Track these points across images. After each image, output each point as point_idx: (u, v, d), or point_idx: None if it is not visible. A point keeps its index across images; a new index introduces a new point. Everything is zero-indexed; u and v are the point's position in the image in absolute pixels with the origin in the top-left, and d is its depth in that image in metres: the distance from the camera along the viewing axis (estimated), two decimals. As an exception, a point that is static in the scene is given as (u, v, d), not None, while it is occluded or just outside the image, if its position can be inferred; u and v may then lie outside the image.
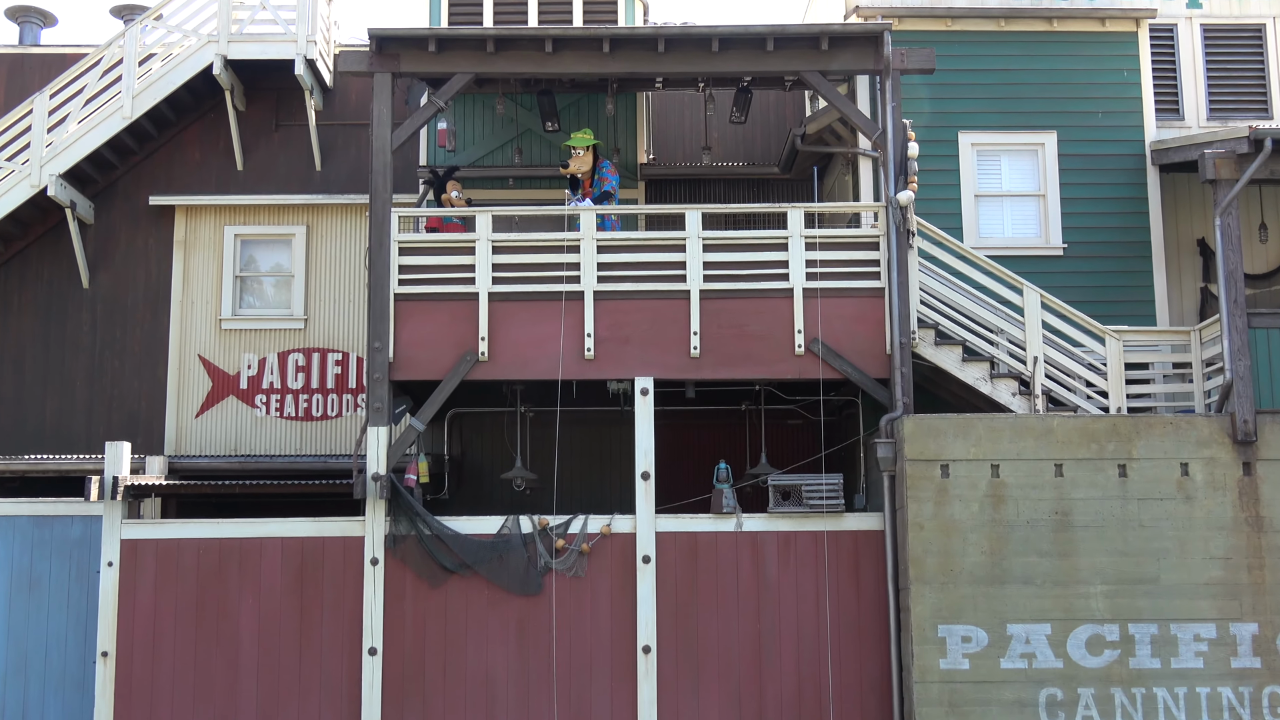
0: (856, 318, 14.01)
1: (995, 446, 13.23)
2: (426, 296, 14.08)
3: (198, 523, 13.88)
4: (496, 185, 17.44)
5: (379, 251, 14.06)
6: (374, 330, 13.96)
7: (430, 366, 14.00)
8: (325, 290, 17.84)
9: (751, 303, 14.04)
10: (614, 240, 14.21)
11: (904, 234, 14.02)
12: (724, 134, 19.81)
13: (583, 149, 15.09)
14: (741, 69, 14.49)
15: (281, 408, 17.57)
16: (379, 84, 14.20)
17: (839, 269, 14.07)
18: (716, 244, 14.17)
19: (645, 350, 13.99)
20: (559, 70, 14.41)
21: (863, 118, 14.54)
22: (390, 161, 14.14)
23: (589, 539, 13.74)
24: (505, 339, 14.00)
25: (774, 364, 13.97)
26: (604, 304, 14.05)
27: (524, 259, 14.14)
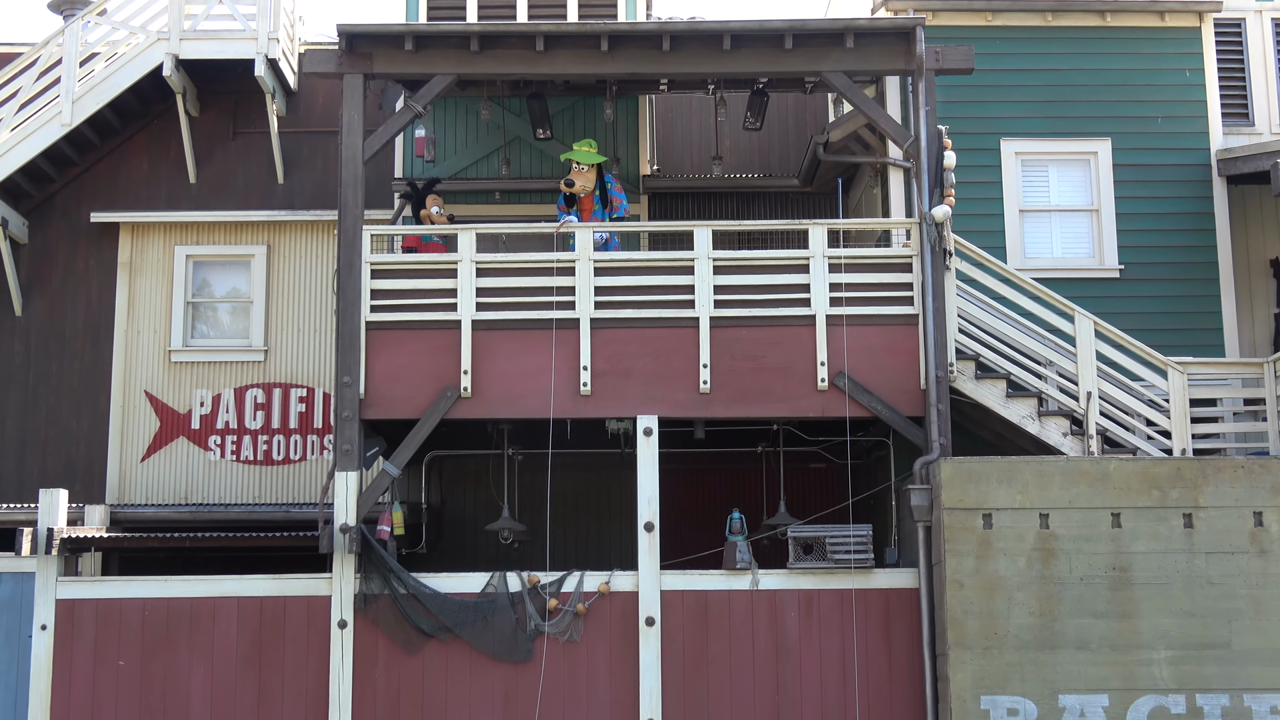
0: (887, 348, 14.02)
1: (1044, 493, 13.21)
2: (402, 325, 14.10)
3: (143, 580, 13.85)
4: (481, 200, 17.47)
5: (349, 274, 14.09)
6: (343, 363, 13.97)
7: (406, 403, 14.01)
8: (288, 318, 17.86)
9: (768, 331, 14.05)
10: (613, 261, 14.23)
11: (940, 254, 14.04)
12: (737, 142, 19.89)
13: (587, 165, 15.11)
14: (756, 69, 14.55)
15: (238, 450, 17.57)
16: (349, 86, 14.26)
17: (867, 293, 14.08)
18: (729, 265, 14.20)
19: (649, 385, 14.00)
20: (551, 71, 14.47)
21: (893, 123, 14.59)
22: (362, 173, 14.19)
23: (585, 598, 13.70)
24: (491, 372, 14.01)
25: (794, 400, 13.97)
26: (602, 333, 14.06)
27: (512, 282, 14.17)
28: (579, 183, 15.04)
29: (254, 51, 17.45)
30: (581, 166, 15.12)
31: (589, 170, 15.12)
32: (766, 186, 18.84)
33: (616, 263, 14.24)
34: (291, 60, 18.22)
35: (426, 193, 15.84)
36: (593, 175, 15.15)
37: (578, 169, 15.13)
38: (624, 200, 15.21)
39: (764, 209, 18.93)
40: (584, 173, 15.08)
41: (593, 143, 15.34)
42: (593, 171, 15.16)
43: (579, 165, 15.14)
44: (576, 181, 15.04)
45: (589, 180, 15.12)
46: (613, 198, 15.22)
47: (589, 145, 15.26)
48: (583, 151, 15.16)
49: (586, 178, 15.10)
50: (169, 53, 17.44)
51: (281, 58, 17.70)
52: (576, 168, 15.15)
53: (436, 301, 14.14)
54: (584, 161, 15.09)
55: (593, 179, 15.15)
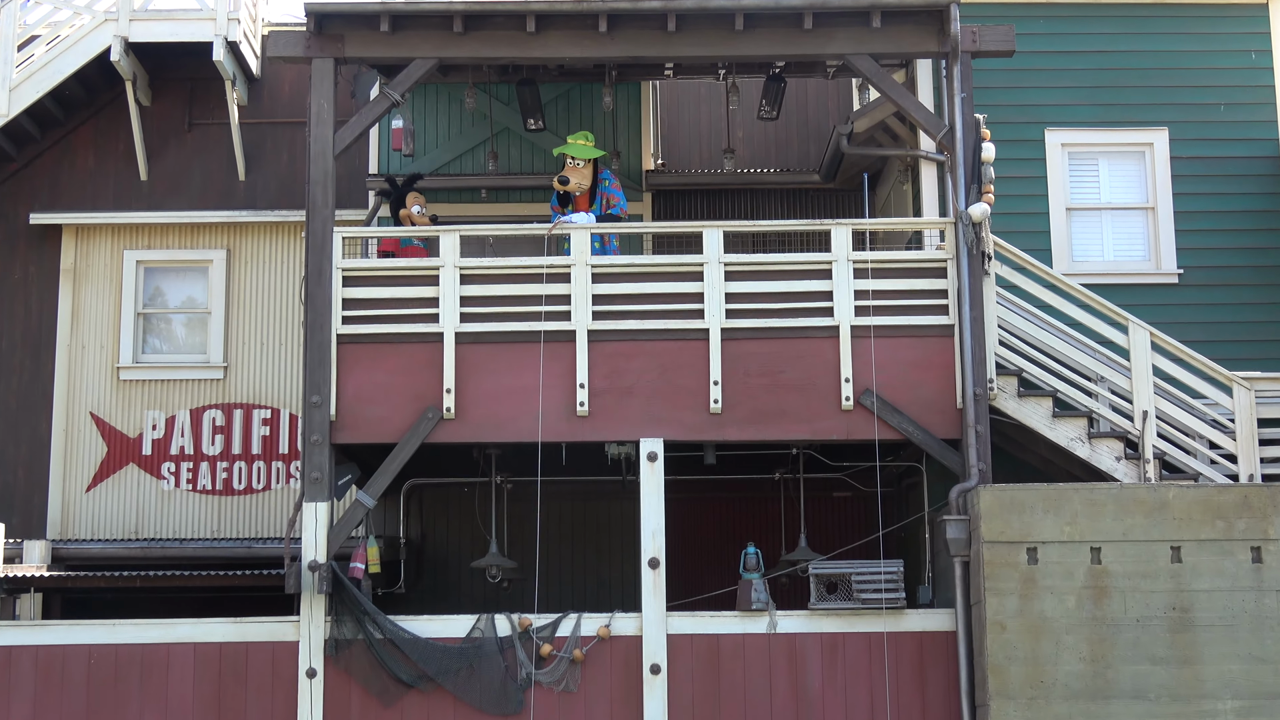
0: (919, 363, 13.98)
1: (1095, 525, 13.16)
2: (378, 338, 14.06)
3: (89, 624, 13.80)
4: (466, 198, 17.45)
5: (318, 282, 14.06)
6: (311, 380, 13.94)
7: (382, 426, 13.97)
8: (251, 331, 17.84)
9: (787, 344, 14.02)
10: (613, 267, 14.21)
11: (978, 257, 14.01)
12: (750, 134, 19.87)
13: (582, 161, 15.04)
14: (772, 52, 14.53)
15: (195, 479, 17.53)
16: (318, 72, 14.24)
17: (896, 301, 14.05)
18: (742, 270, 14.17)
19: (653, 405, 13.96)
20: (544, 54, 14.45)
21: (925, 112, 14.56)
22: (333, 169, 14.16)
23: (583, 643, 13.65)
24: (476, 391, 13.97)
25: (815, 421, 13.93)
26: (601, 347, 14.03)
27: (500, 290, 14.14)
28: (574, 180, 14.99)
29: (212, 33, 17.45)
30: (576, 162, 15.07)
31: (585, 166, 15.07)
32: (784, 183, 18.82)
33: (617, 268, 14.22)
34: (254, 43, 18.22)
35: (405, 190, 15.81)
36: (589, 171, 15.10)
37: (572, 164, 15.08)
38: (622, 199, 15.18)
39: (781, 208, 18.91)
40: (579, 169, 15.03)
41: (589, 135, 15.30)
42: (589, 167, 15.11)
43: (573, 160, 15.09)
44: (571, 178, 14.98)
45: (584, 177, 15.06)
46: (609, 196, 15.16)
47: (584, 138, 15.22)
48: (578, 145, 15.11)
49: (582, 174, 15.05)
50: (117, 35, 17.44)
51: (243, 40, 17.70)
52: (571, 163, 15.10)
53: (416, 312, 14.11)
54: (579, 156, 15.05)
55: (589, 175, 15.10)
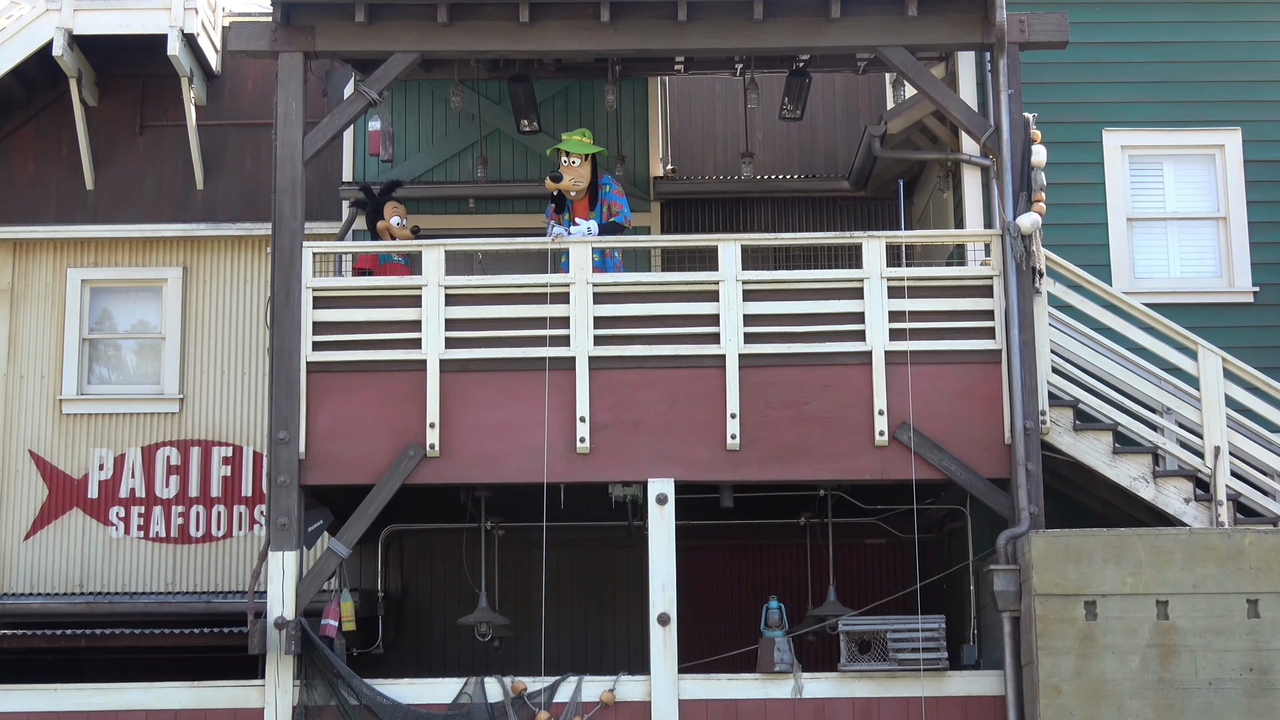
0: (962, 393, 13.98)
1: (1162, 575, 13.13)
2: (353, 366, 14.08)
3: (27, 690, 13.78)
4: (452, 209, 17.49)
5: (285, 303, 14.08)
6: (278, 414, 13.95)
7: (358, 465, 13.97)
8: (210, 358, 17.86)
9: (813, 372, 14.02)
10: (617, 285, 14.22)
11: (1027, 274, 14.02)
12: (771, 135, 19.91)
13: (579, 157, 15.03)
14: (796, 43, 14.57)
15: (147, 525, 17.53)
16: (285, 68, 14.28)
17: (936, 323, 14.06)
18: (762, 289, 14.18)
19: (663, 440, 13.96)
20: (539, 47, 14.49)
21: (967, 110, 14.59)
22: (302, 176, 14.20)
23: (584, 710, 13.62)
24: (464, 425, 13.98)
25: (845, 459, 13.92)
26: (604, 375, 14.04)
27: (490, 311, 14.15)
28: (568, 178, 14.95)
29: (166, 24, 17.49)
30: (572, 159, 15.03)
31: (582, 164, 15.03)
32: (809, 190, 18.85)
33: (621, 287, 14.23)
34: (214, 35, 18.29)
35: (383, 200, 15.84)
36: (586, 171, 15.06)
37: (567, 163, 15.05)
38: (625, 207, 15.15)
39: (806, 218, 18.93)
40: (575, 167, 15.00)
41: (586, 132, 15.29)
42: (586, 166, 15.06)
43: (569, 158, 15.05)
44: (565, 176, 14.94)
45: (581, 176, 15.02)
46: (610, 203, 15.12)
47: (582, 134, 15.20)
48: (574, 140, 15.09)
49: (578, 173, 15.01)
50: (60, 26, 17.49)
51: (201, 32, 17.76)
52: (565, 161, 15.06)
53: (396, 337, 14.12)
54: (575, 151, 15.01)
55: (586, 175, 15.05)
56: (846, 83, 20.09)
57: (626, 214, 15.15)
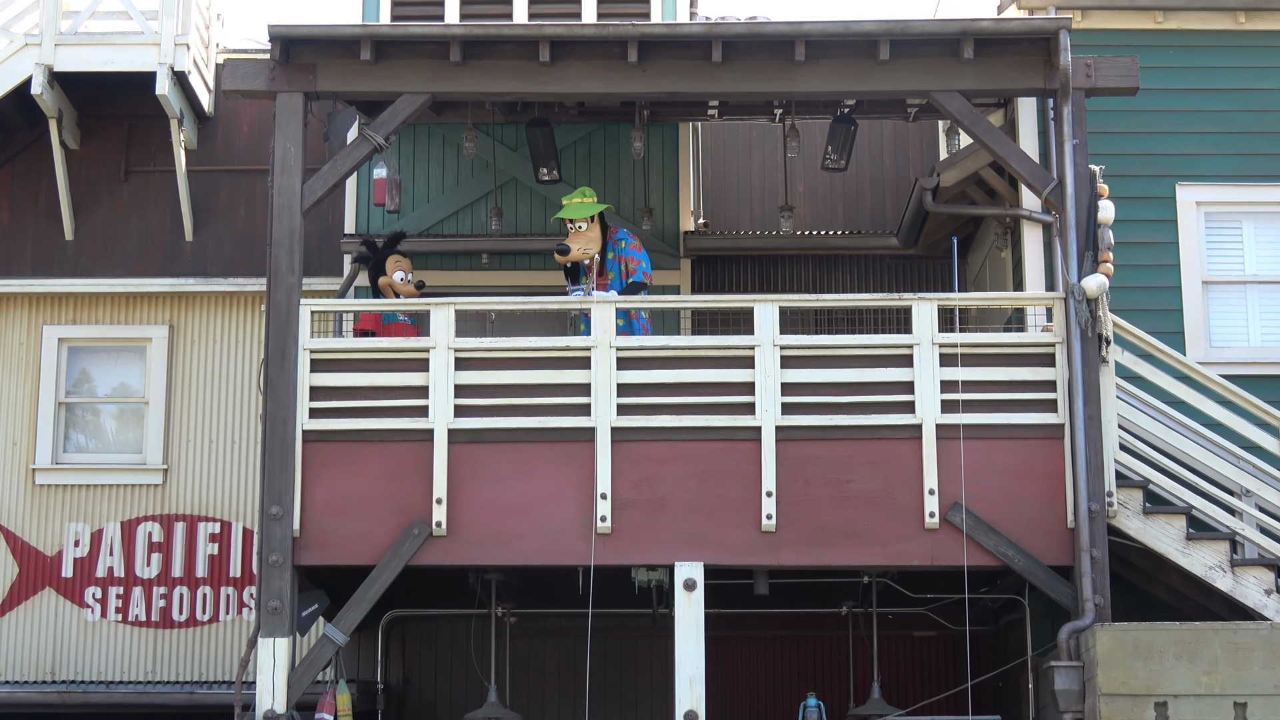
0: (1021, 471, 13.96)
1: (1240, 674, 13.05)
2: (353, 435, 14.10)
3: (-9, 787, 13.78)
4: (463, 264, 17.54)
5: (280, 366, 14.12)
6: (271, 487, 13.96)
7: (357, 544, 13.97)
8: (197, 425, 17.90)
9: (857, 447, 14.01)
10: (643, 350, 14.24)
11: (1093, 341, 14.02)
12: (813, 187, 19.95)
13: (584, 221, 15.08)
14: (840, 88, 14.63)
15: (125, 607, 17.53)
16: (284, 109, 14.36)
17: (993, 394, 14.04)
18: (802, 355, 14.19)
19: (691, 520, 13.95)
20: (560, 89, 14.56)
21: (1028, 162, 14.61)
22: (300, 228, 14.25)
23: (602, 817, 13.58)
24: (474, 502, 13.98)
25: (892, 543, 13.89)
26: (628, 448, 14.04)
27: (504, 377, 14.17)
28: (575, 247, 14.98)
29: (155, 61, 17.59)
30: (578, 225, 15.08)
31: (589, 228, 15.08)
32: (853, 248, 18.88)
33: (647, 351, 14.25)
34: (206, 74, 18.40)
35: (388, 254, 15.88)
36: (596, 234, 15.08)
37: (573, 229, 15.11)
38: (645, 262, 15.17)
39: (850, 278, 18.94)
40: (582, 233, 15.05)
41: (588, 191, 15.29)
42: (594, 228, 15.11)
43: (573, 224, 15.12)
44: (572, 246, 14.98)
45: (590, 241, 15.04)
46: (627, 260, 15.15)
47: (582, 195, 15.20)
48: (574, 205, 15.12)
49: (586, 238, 15.04)
50: (40, 63, 17.58)
51: (193, 70, 17.86)
52: (572, 228, 15.12)
53: (401, 404, 14.14)
54: (574, 216, 15.05)
55: (596, 239, 15.07)
56: (896, 131, 20.14)
57: (646, 269, 15.16)
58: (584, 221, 15.07)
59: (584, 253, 15.00)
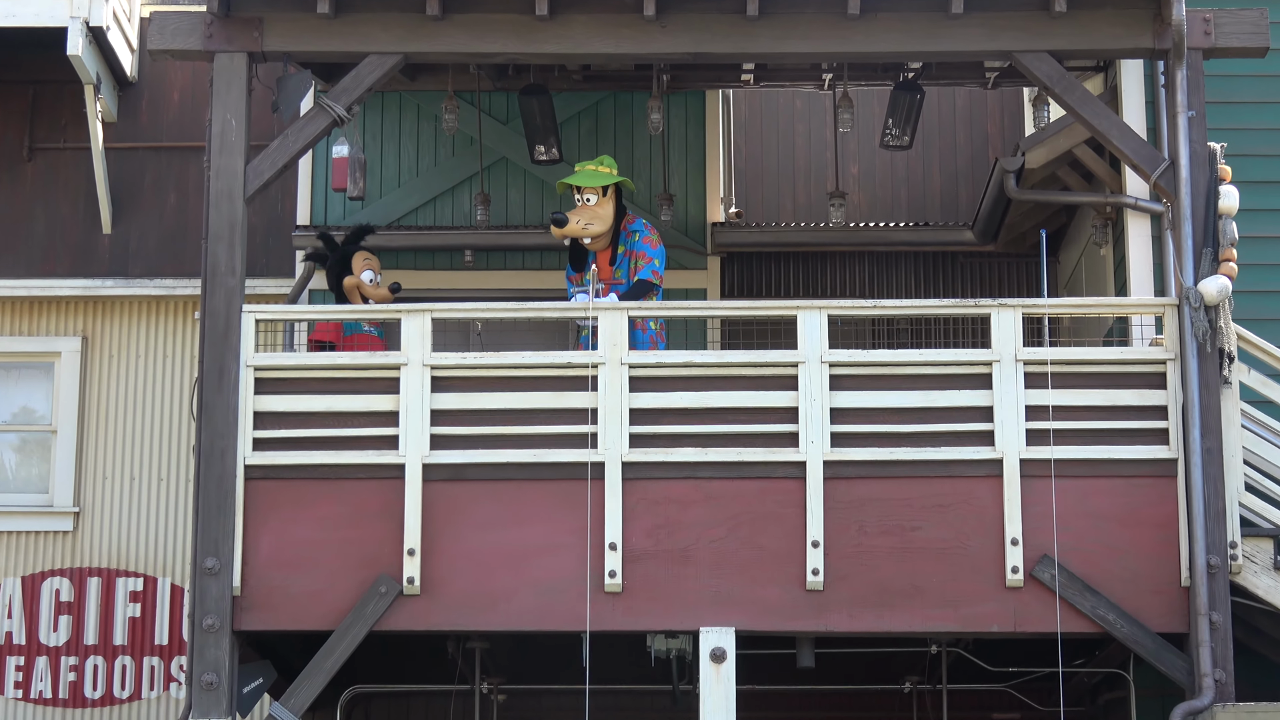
0: (1124, 517, 13.95)
1: (1395, 766, 13.06)
2: (307, 471, 14.11)
3: None
4: (442, 263, 17.56)
5: (218, 386, 14.13)
6: (205, 535, 13.97)
7: (311, 605, 13.98)
8: (115, 459, 17.92)
9: (923, 486, 14.01)
10: (662, 368, 14.24)
11: (1213, 358, 14.00)
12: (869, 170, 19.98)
13: (594, 192, 15.00)
14: (904, 47, 14.63)
15: (27, 682, 17.53)
16: (224, 73, 14.38)
17: (1090, 422, 14.05)
18: (856, 374, 14.18)
19: (720, 576, 13.95)
20: (560, 49, 14.57)
21: (1133, 138, 14.60)
22: (243, 217, 14.26)
23: None
24: (454, 553, 13.99)
25: (966, 604, 13.89)
26: (642, 487, 14.04)
27: (491, 401, 14.18)
28: (575, 220, 14.85)
29: (66, 14, 17.58)
30: (586, 197, 14.99)
31: (600, 203, 14.98)
32: (919, 243, 18.88)
33: (667, 370, 14.24)
34: (129, 30, 18.43)
35: (352, 250, 15.88)
36: (608, 213, 14.97)
37: (580, 201, 15.03)
38: (657, 260, 15.07)
39: (914, 280, 18.96)
40: (590, 208, 14.95)
41: (608, 159, 15.23)
42: (608, 205, 15.00)
43: (581, 195, 15.03)
44: (572, 220, 14.86)
45: (597, 217, 14.90)
46: (635, 254, 15.07)
47: (598, 163, 15.13)
48: (586, 172, 15.03)
49: (593, 215, 14.92)
50: (-76, 17, 17.65)
51: (112, 25, 17.88)
52: (579, 200, 15.05)
53: (366, 433, 14.16)
54: (585, 184, 14.95)
55: (607, 220, 14.95)
56: (971, 101, 20.16)
57: (657, 267, 15.08)
58: (594, 193, 14.97)
59: (584, 229, 14.88)
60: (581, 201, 15.04)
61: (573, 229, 14.91)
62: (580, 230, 14.91)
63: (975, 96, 20.10)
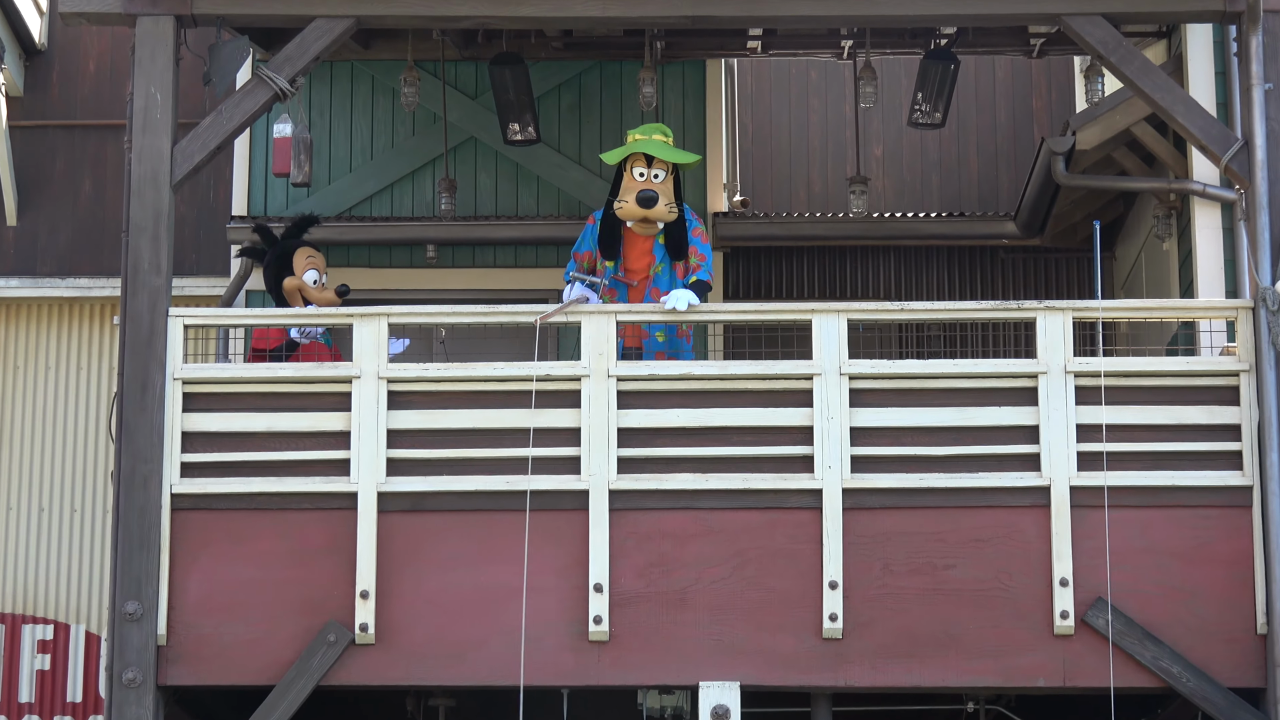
0: (1190, 553, 13.97)
1: None
2: (243, 501, 14.11)
3: None
4: (400, 259, 17.57)
5: (141, 403, 14.13)
6: (126, 576, 13.96)
7: (249, 656, 13.99)
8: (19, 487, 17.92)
9: (958, 519, 14.03)
10: (655, 380, 14.23)
11: (1293, 369, 14.04)
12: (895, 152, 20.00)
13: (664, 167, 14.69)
14: (933, 10, 14.65)
15: (-81, 746, 17.57)
16: (147, 39, 14.38)
17: (1150, 443, 14.07)
18: (880, 388, 14.21)
19: (722, 622, 13.97)
20: (538, 11, 14.57)
21: (1201, 115, 14.61)
22: (170, 207, 14.26)
23: None
24: (414, 596, 14.00)
25: (1008, 655, 13.90)
26: (632, 519, 14.05)
27: (458, 420, 14.20)
28: (664, 203, 14.63)
29: (-40, -28, 17.68)
30: (655, 173, 14.79)
31: (663, 181, 14.82)
32: (953, 236, 18.89)
33: (661, 383, 14.24)
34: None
35: (294, 245, 15.88)
36: (669, 190, 14.84)
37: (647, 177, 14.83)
38: (709, 257, 14.98)
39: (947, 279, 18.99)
40: (661, 185, 14.76)
41: (664, 126, 15.07)
42: (669, 185, 14.88)
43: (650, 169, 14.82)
44: (660, 197, 14.64)
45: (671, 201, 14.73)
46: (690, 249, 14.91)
47: (664, 132, 14.98)
48: (656, 141, 14.82)
49: (669, 195, 14.73)
50: None
51: (16, -15, 17.94)
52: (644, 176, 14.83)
53: (312, 456, 14.17)
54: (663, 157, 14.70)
55: (672, 198, 14.81)
56: (1014, 72, 20.19)
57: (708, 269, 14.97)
58: (664, 168, 14.84)
59: (670, 211, 14.72)
60: (647, 177, 14.89)
61: (660, 212, 14.74)
62: (667, 212, 14.77)
63: (1018, 67, 20.13)
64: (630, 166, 14.85)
